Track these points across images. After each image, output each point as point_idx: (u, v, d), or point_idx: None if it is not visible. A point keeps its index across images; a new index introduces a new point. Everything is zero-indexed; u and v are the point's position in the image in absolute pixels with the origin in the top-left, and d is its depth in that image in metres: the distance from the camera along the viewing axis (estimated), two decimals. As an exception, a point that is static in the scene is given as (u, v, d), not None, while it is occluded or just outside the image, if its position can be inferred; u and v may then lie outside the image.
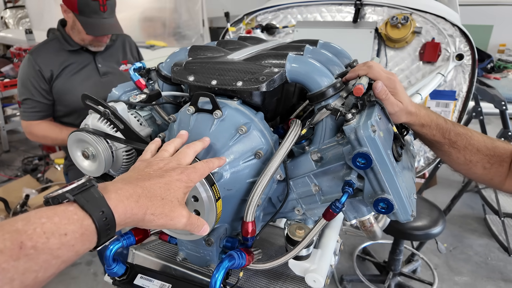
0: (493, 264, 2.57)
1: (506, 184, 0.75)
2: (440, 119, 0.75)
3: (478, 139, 0.75)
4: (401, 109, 0.70)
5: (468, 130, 0.76)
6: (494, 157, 0.74)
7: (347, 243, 2.68)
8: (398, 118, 0.72)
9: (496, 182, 0.77)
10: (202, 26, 6.10)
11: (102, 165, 0.70)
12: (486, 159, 0.75)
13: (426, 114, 0.74)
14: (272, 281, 0.83)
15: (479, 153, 0.74)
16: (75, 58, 1.64)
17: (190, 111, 0.67)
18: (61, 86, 1.59)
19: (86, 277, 2.41)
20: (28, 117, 1.58)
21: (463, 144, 0.75)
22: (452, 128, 0.75)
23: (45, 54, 1.60)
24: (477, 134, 0.76)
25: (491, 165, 0.75)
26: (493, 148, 0.74)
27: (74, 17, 1.52)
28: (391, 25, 1.70)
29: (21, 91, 1.58)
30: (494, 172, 0.75)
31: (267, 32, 2.01)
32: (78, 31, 1.56)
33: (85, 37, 1.56)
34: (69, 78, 1.61)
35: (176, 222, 0.51)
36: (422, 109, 0.74)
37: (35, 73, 1.55)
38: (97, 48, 1.66)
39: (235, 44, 0.90)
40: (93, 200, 0.42)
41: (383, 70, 0.71)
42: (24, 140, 4.80)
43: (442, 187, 3.44)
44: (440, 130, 0.75)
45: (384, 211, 0.60)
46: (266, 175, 0.63)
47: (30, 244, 0.35)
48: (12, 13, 6.83)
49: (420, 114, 0.73)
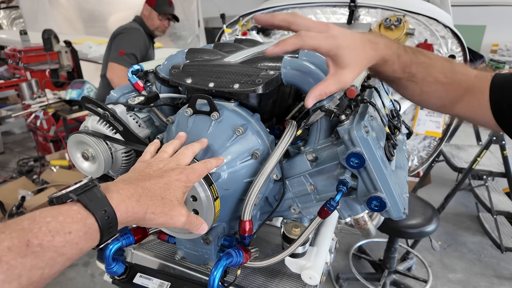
0: (486, 261, 2.61)
1: (457, 107, 0.71)
2: (401, 49, 0.65)
3: (438, 66, 0.68)
4: (354, 71, 0.58)
5: (429, 56, 0.68)
6: (451, 85, 0.69)
7: (343, 242, 2.71)
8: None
9: (447, 108, 0.73)
10: (197, 26, 6.10)
11: (102, 166, 0.71)
12: (442, 88, 0.69)
13: (386, 45, 0.63)
14: (269, 279, 0.84)
15: (437, 83, 0.69)
16: (149, 41, 2.55)
17: (188, 113, 0.69)
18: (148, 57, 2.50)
19: (83, 278, 2.40)
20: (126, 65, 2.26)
21: (422, 75, 0.68)
22: (414, 58, 0.66)
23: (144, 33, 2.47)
24: (438, 60, 0.69)
25: (447, 93, 0.70)
26: (452, 76, 0.68)
27: (151, 9, 2.46)
28: (385, 26, 1.73)
29: (131, 46, 2.32)
30: (448, 99, 0.71)
31: (263, 33, 2.03)
32: (151, 18, 2.48)
33: (156, 22, 2.49)
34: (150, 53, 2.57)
35: (176, 220, 0.52)
36: (380, 40, 0.63)
37: (143, 43, 2.41)
38: (160, 33, 2.58)
39: (231, 46, 0.92)
40: (96, 199, 0.43)
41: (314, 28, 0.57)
42: (19, 142, 4.77)
43: (436, 185, 3.48)
44: (401, 64, 0.66)
45: (377, 209, 0.62)
46: (263, 175, 0.65)
47: (36, 242, 0.36)
48: (6, 14, 6.76)
49: (380, 48, 0.62)
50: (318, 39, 0.56)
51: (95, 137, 0.70)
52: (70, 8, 5.33)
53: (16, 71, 3.96)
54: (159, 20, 2.47)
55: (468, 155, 3.02)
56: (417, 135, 2.00)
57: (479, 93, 0.67)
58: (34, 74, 3.72)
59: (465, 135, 4.43)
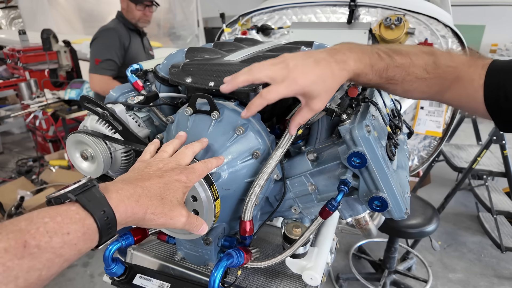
0: (486, 261, 2.61)
1: (445, 96, 0.70)
2: (374, 58, 0.63)
3: (419, 64, 0.65)
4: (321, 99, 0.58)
5: (408, 55, 0.65)
6: (434, 79, 0.66)
7: (343, 242, 2.71)
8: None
9: (434, 98, 0.72)
10: (197, 26, 6.09)
11: (101, 166, 0.71)
12: (425, 83, 0.67)
13: (356, 60, 0.60)
14: (270, 279, 0.84)
15: (418, 80, 0.66)
16: (133, 35, 2.42)
17: (188, 112, 0.68)
18: (132, 55, 2.37)
19: (82, 279, 2.40)
20: (104, 73, 2.23)
21: (401, 77, 0.65)
22: (390, 62, 0.64)
23: (121, 30, 2.34)
24: (419, 57, 0.66)
25: (429, 88, 0.68)
26: (434, 70, 0.66)
27: (127, 1, 2.29)
28: (385, 26, 1.72)
29: (104, 53, 2.23)
30: (433, 92, 0.69)
31: (263, 33, 2.02)
32: (130, 11, 2.32)
33: (135, 13, 2.32)
34: (136, 49, 2.41)
35: (176, 221, 0.51)
36: (350, 56, 0.60)
37: (119, 42, 2.27)
38: (144, 24, 2.41)
39: (231, 45, 0.91)
40: (95, 200, 0.43)
41: (275, 74, 0.57)
42: (18, 142, 4.76)
43: (436, 185, 3.48)
44: (377, 73, 0.63)
45: (378, 209, 0.61)
46: (264, 175, 0.64)
47: (33, 243, 0.36)
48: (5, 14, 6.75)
49: (349, 66, 0.60)
50: (269, 70, 0.57)
51: (94, 137, 0.70)
52: (69, 8, 5.32)
53: (15, 71, 3.95)
54: (138, 11, 2.31)
55: (468, 155, 3.01)
56: (417, 135, 2.00)
57: (467, 81, 0.65)
58: (33, 74, 3.71)
59: (465, 134, 4.43)
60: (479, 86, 0.64)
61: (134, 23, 2.36)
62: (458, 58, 0.66)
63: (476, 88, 0.64)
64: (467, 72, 0.65)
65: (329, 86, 0.58)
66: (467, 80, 0.65)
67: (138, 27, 2.42)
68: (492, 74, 0.63)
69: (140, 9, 2.31)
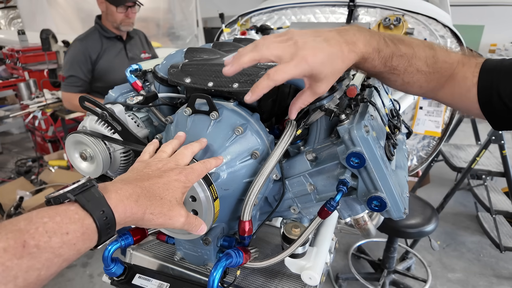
0: (485, 261, 2.61)
1: (439, 94, 0.69)
2: (381, 43, 0.61)
3: (420, 55, 0.64)
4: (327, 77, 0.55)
5: (411, 45, 0.64)
6: (433, 74, 0.66)
7: (342, 242, 2.71)
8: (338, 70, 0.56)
9: (429, 95, 0.72)
10: (196, 26, 6.09)
11: (100, 166, 0.71)
12: (424, 77, 0.66)
13: (365, 43, 0.58)
14: (269, 279, 0.84)
15: (418, 73, 0.65)
16: (111, 44, 2.15)
17: (187, 112, 0.68)
18: (103, 67, 2.11)
19: (81, 279, 2.40)
20: (69, 90, 2.06)
21: (403, 67, 0.64)
22: (395, 50, 0.62)
23: (91, 40, 2.10)
24: (421, 49, 0.65)
25: (428, 83, 0.68)
26: (433, 65, 0.65)
27: (106, 3, 2.03)
28: (384, 26, 1.72)
29: (67, 69, 2.05)
30: (430, 88, 0.69)
31: (262, 33, 2.02)
32: (111, 13, 2.05)
33: (116, 17, 2.05)
34: (110, 60, 2.13)
35: (175, 221, 0.52)
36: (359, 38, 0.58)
37: (83, 56, 2.04)
38: (127, 27, 2.13)
39: (230, 46, 0.91)
40: (94, 199, 0.43)
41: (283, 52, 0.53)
42: (17, 142, 4.76)
43: (435, 185, 3.49)
44: (382, 59, 0.62)
45: (377, 209, 0.61)
46: (263, 175, 0.64)
47: (33, 243, 0.36)
48: (4, 14, 6.75)
49: (358, 48, 0.57)
50: (277, 48, 0.53)
51: (93, 137, 0.70)
52: (68, 8, 5.32)
53: (14, 71, 3.95)
54: (119, 13, 2.05)
55: (467, 155, 3.02)
56: (416, 135, 2.00)
57: (461, 80, 0.65)
58: (32, 74, 3.71)
59: (464, 134, 4.44)
60: (472, 85, 0.64)
61: (116, 27, 2.12)
62: (453, 56, 0.66)
63: (469, 87, 0.64)
64: (461, 70, 0.65)
65: (337, 68, 0.55)
66: (460, 78, 0.65)
67: (120, 32, 2.17)
68: (486, 73, 0.63)
69: (121, 12, 2.05)
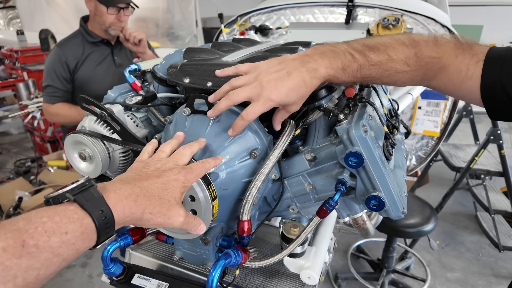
0: (484, 260, 2.61)
1: (432, 84, 0.68)
2: (347, 60, 0.62)
3: (398, 57, 0.64)
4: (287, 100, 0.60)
5: (386, 51, 0.64)
6: (416, 71, 0.65)
7: (342, 242, 2.71)
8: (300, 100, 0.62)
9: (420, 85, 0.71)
10: (195, 26, 6.09)
11: (99, 166, 0.71)
12: (406, 76, 0.66)
13: (327, 66, 0.61)
14: (268, 279, 0.84)
15: (398, 73, 0.65)
16: (96, 49, 1.87)
17: (186, 112, 0.68)
18: (84, 75, 1.83)
19: (81, 280, 2.39)
20: (48, 101, 1.82)
21: (378, 73, 0.64)
22: (364, 62, 0.63)
23: (70, 46, 1.83)
24: (399, 51, 0.64)
25: (412, 79, 0.67)
26: (416, 63, 0.64)
27: (96, 2, 1.76)
28: (383, 26, 1.73)
29: (45, 78, 1.82)
30: (417, 82, 0.68)
31: (261, 33, 2.03)
32: (100, 14, 1.78)
33: (106, 18, 1.77)
34: (91, 68, 1.84)
35: (174, 221, 0.52)
36: (320, 63, 0.61)
37: (60, 63, 1.78)
38: (117, 31, 1.83)
39: (229, 46, 0.91)
40: (93, 199, 0.43)
41: (243, 84, 0.61)
42: (16, 142, 4.75)
43: (434, 185, 3.49)
44: (350, 74, 0.63)
45: (376, 208, 0.62)
46: (261, 175, 0.64)
47: (32, 243, 0.36)
48: (3, 14, 6.73)
49: (320, 73, 0.61)
50: (245, 92, 0.60)
51: (92, 137, 0.70)
52: (67, 8, 5.31)
53: (13, 71, 3.94)
54: (109, 15, 1.77)
55: (465, 155, 3.03)
56: (415, 135, 2.01)
57: (454, 72, 0.64)
58: (31, 74, 3.70)
59: (463, 134, 4.45)
60: (466, 77, 0.63)
61: (104, 30, 1.82)
62: (444, 48, 0.65)
63: (463, 79, 0.63)
64: (454, 62, 0.64)
65: (302, 94, 0.61)
66: (453, 71, 0.64)
67: (107, 35, 1.86)
68: (490, 63, 0.62)
69: (112, 13, 1.77)
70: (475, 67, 0.62)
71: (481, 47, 0.64)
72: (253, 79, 0.61)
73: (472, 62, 0.63)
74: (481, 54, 0.62)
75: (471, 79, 0.63)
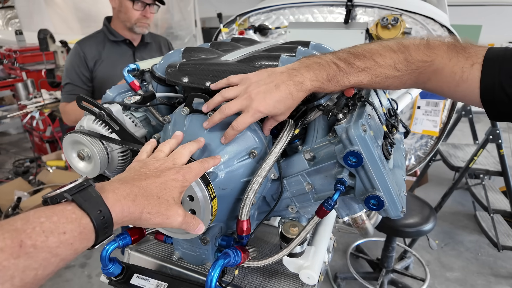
0: (483, 260, 2.62)
1: (427, 86, 0.68)
2: (332, 71, 0.64)
3: (386, 63, 0.64)
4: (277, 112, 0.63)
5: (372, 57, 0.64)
6: (407, 75, 0.65)
7: (341, 241, 2.71)
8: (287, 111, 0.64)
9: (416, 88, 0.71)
10: (194, 26, 6.08)
11: (98, 166, 0.71)
12: (397, 80, 0.66)
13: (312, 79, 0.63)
14: (267, 279, 0.84)
15: (389, 79, 0.65)
16: (116, 49, 1.80)
17: (185, 112, 0.68)
18: (102, 75, 1.75)
19: (80, 280, 2.39)
20: (65, 99, 1.74)
21: (369, 79, 0.65)
22: (350, 70, 0.64)
23: (91, 44, 1.77)
24: (386, 57, 0.64)
25: (403, 83, 0.67)
26: (405, 67, 0.65)
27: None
28: (382, 26, 1.73)
29: (64, 77, 1.76)
30: (409, 85, 0.68)
31: (260, 33, 2.02)
32: (125, 11, 1.72)
33: (132, 14, 1.71)
34: (110, 68, 1.76)
35: (172, 220, 0.52)
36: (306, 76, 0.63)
37: (79, 61, 1.72)
38: (142, 29, 1.77)
39: (228, 45, 0.91)
40: (91, 199, 0.43)
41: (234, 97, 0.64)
42: (15, 142, 4.74)
43: (433, 185, 3.50)
44: (336, 84, 0.64)
45: (375, 207, 0.62)
46: (261, 174, 0.64)
47: (29, 243, 0.36)
48: (1, 14, 6.72)
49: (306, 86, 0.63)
50: (236, 105, 0.63)
51: (91, 137, 0.70)
52: (66, 8, 5.30)
53: (11, 71, 3.93)
54: (135, 11, 1.70)
55: (465, 154, 3.03)
56: (414, 134, 2.01)
57: (449, 75, 0.64)
58: (29, 74, 3.70)
59: (462, 134, 4.46)
60: (461, 80, 0.62)
61: (129, 28, 1.76)
62: (436, 51, 0.64)
63: (458, 82, 0.63)
64: (447, 65, 0.63)
65: (289, 105, 0.63)
66: (447, 73, 0.64)
67: (132, 34, 1.80)
68: (489, 65, 0.61)
69: (138, 9, 1.71)
70: (470, 70, 0.62)
71: (477, 49, 0.63)
72: (243, 91, 0.64)
73: (467, 64, 0.62)
74: (476, 57, 0.62)
75: (466, 82, 0.62)
